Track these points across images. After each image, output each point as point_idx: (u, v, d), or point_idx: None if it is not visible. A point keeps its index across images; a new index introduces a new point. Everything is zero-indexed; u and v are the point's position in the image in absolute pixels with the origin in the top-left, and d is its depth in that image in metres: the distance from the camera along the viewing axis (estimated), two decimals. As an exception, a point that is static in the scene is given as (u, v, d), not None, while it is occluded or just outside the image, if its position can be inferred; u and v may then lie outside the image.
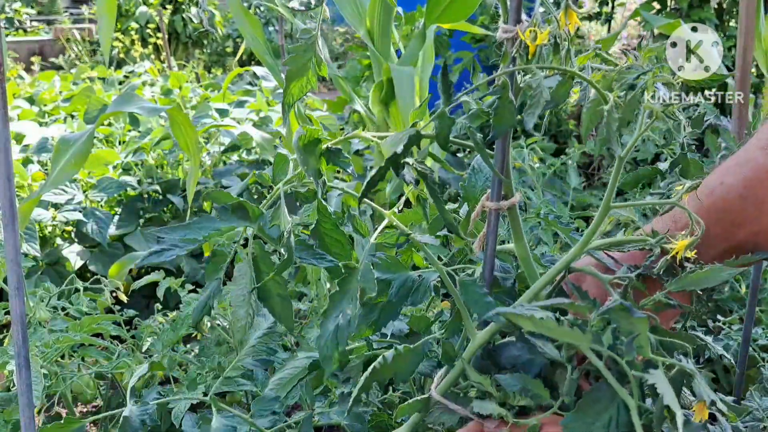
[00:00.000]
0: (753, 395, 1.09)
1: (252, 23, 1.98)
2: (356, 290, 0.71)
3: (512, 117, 0.59)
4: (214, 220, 0.70)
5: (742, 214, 0.67)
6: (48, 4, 9.20)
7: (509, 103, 0.58)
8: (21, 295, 0.63)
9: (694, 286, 0.65)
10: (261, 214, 0.72)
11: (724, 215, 0.68)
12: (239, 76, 4.56)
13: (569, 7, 0.58)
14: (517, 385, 0.64)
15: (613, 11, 3.98)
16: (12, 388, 1.18)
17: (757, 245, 0.68)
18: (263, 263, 0.73)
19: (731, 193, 0.68)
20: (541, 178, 1.88)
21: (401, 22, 2.81)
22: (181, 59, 6.86)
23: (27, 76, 4.96)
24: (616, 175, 0.65)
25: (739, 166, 0.69)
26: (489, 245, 0.70)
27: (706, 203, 0.66)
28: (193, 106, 3.29)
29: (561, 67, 0.58)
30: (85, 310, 1.29)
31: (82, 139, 1.74)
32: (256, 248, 0.73)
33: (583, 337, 0.54)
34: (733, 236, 0.68)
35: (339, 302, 0.72)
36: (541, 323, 0.55)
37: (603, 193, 2.50)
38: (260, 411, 0.88)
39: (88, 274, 2.03)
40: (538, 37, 0.57)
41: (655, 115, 0.62)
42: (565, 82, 0.62)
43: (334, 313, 0.71)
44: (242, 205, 0.71)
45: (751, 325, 1.07)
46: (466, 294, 0.70)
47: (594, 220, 0.67)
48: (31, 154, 2.47)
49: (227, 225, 0.71)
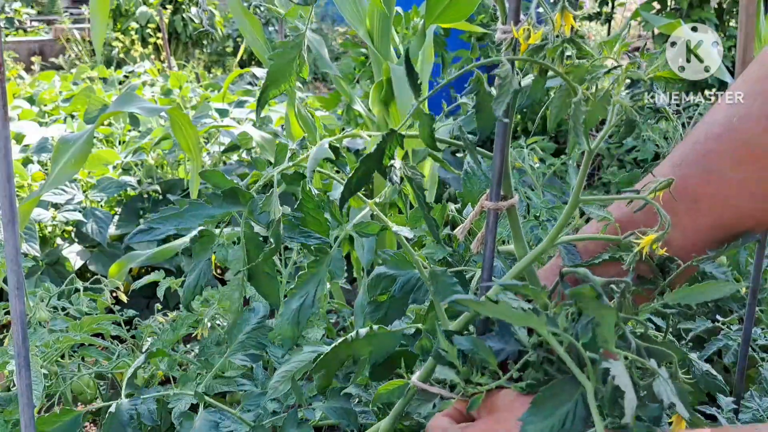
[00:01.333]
0: (752, 395, 1.09)
1: (252, 23, 1.98)
2: (325, 273, 0.72)
3: (492, 112, 0.59)
4: (206, 207, 0.70)
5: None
6: (48, 4, 9.20)
7: (488, 97, 0.58)
8: (21, 295, 0.63)
9: (691, 300, 0.65)
10: (252, 198, 0.72)
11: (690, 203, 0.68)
12: (239, 76, 4.56)
13: (565, 8, 0.58)
14: (469, 347, 0.66)
15: (613, 11, 3.98)
16: (12, 388, 1.18)
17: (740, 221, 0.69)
18: (251, 245, 0.74)
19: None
20: (541, 178, 1.88)
21: (401, 22, 2.81)
22: (181, 59, 6.86)
23: (27, 76, 4.96)
24: (584, 169, 0.65)
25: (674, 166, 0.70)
26: (488, 245, 0.70)
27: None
28: (193, 106, 3.29)
29: (529, 58, 0.58)
30: (85, 310, 1.29)
31: (82, 139, 1.74)
32: (246, 230, 0.73)
33: (538, 320, 0.55)
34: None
35: (306, 283, 0.73)
36: (495, 308, 0.55)
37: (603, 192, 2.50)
38: (248, 406, 0.89)
39: (88, 274, 2.03)
40: (531, 37, 0.57)
41: (625, 110, 0.62)
42: (540, 76, 0.62)
43: (300, 293, 0.72)
44: (234, 191, 0.72)
45: (752, 325, 1.07)
46: (436, 284, 0.71)
47: (563, 213, 0.67)
48: (31, 154, 2.47)
49: (220, 211, 0.71)
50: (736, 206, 0.67)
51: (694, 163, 0.69)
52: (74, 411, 0.82)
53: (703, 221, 0.68)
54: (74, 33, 6.95)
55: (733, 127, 0.66)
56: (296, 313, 0.71)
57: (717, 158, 0.67)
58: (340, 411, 0.86)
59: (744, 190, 0.66)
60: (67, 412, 0.81)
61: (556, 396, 0.56)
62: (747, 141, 0.66)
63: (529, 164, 1.82)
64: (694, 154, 0.69)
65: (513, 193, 0.68)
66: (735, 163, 0.66)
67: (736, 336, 1.24)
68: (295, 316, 0.71)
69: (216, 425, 0.82)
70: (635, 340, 0.64)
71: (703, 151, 0.68)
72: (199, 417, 0.83)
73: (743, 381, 1.09)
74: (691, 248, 0.68)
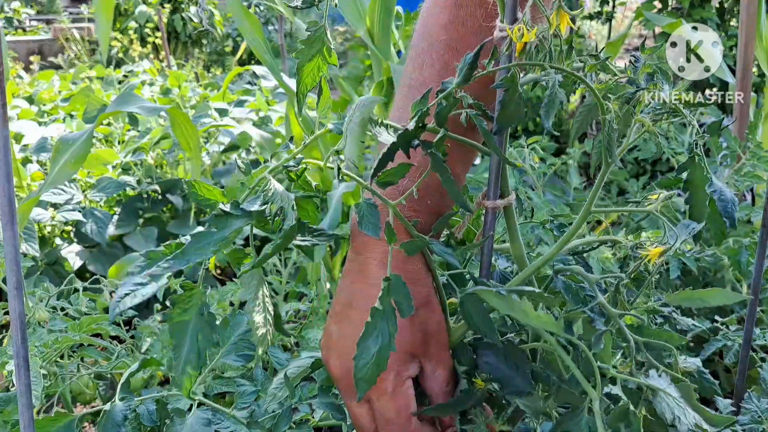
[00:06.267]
0: (751, 396, 1.09)
1: (252, 22, 1.97)
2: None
3: (519, 111, 0.58)
4: (211, 234, 0.61)
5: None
6: (47, 3, 9.20)
7: (518, 97, 0.57)
8: (20, 295, 0.62)
9: (692, 304, 0.65)
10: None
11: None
12: (239, 75, 4.56)
13: (561, 8, 0.58)
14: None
15: (613, 10, 3.97)
16: (11, 388, 1.18)
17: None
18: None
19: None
20: (542, 178, 1.88)
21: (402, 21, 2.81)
22: (181, 58, 6.85)
23: (26, 76, 4.96)
24: (600, 181, 0.65)
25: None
26: (485, 245, 0.70)
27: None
28: (192, 105, 3.28)
29: (568, 70, 0.58)
30: (85, 310, 1.29)
31: (82, 139, 1.74)
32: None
33: (554, 325, 0.54)
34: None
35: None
36: (514, 304, 0.54)
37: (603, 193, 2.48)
38: (240, 404, 0.89)
39: (87, 274, 2.03)
40: (524, 36, 0.57)
41: (647, 127, 0.62)
42: (568, 85, 0.62)
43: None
44: (236, 204, 0.62)
45: (752, 325, 1.07)
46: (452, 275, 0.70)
47: (575, 222, 0.68)
48: (30, 153, 2.47)
49: (232, 230, 0.61)
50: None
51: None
52: (69, 415, 0.82)
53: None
54: (73, 32, 6.95)
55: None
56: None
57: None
58: (331, 406, 0.86)
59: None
60: (61, 416, 0.81)
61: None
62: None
63: (529, 164, 1.82)
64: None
65: (510, 191, 0.68)
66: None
67: (735, 336, 1.24)
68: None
69: (208, 422, 0.82)
70: (633, 336, 0.64)
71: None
72: (192, 414, 0.83)
73: (744, 382, 1.09)
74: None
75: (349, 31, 7.11)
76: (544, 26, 0.57)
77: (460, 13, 0.67)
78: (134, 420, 0.85)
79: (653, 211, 0.64)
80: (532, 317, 0.55)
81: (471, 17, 0.66)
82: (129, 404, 0.84)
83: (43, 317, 1.15)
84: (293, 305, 1.42)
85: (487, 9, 0.65)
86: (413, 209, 0.68)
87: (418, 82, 0.70)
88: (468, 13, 0.67)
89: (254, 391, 0.92)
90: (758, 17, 1.72)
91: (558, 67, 0.57)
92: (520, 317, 0.56)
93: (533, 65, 0.57)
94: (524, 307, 0.54)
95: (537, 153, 1.94)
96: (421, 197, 0.67)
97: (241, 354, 0.96)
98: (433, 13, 0.70)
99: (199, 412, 0.83)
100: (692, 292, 0.64)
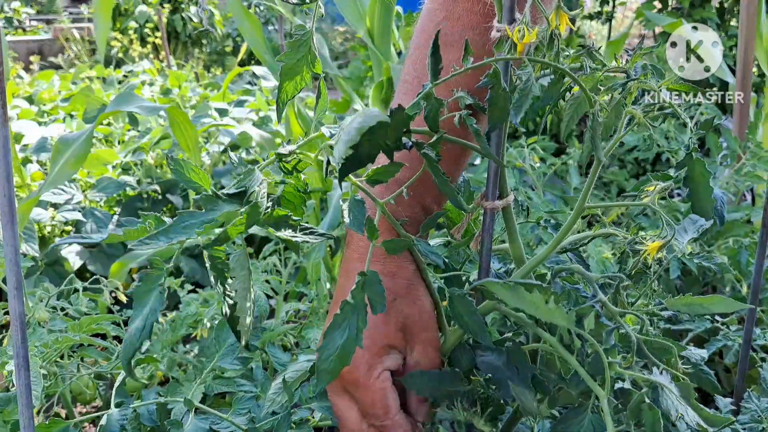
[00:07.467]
0: (750, 396, 1.09)
1: (252, 22, 1.98)
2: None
3: (507, 106, 0.58)
4: (198, 215, 0.59)
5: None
6: (47, 3, 9.20)
7: (503, 92, 0.57)
8: (20, 295, 0.62)
9: (693, 310, 0.65)
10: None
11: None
12: (239, 75, 4.56)
13: (560, 8, 0.58)
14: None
15: (613, 10, 3.97)
16: (11, 388, 1.18)
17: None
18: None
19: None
20: (542, 178, 1.88)
21: (402, 21, 2.81)
22: (181, 58, 6.85)
23: (26, 76, 4.95)
24: (592, 178, 0.65)
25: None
26: (484, 245, 0.70)
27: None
28: (192, 105, 3.28)
29: (552, 62, 0.58)
30: (85, 310, 1.29)
31: (81, 139, 1.74)
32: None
33: (566, 318, 0.54)
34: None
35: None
36: (525, 296, 0.54)
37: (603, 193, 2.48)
38: (238, 410, 0.89)
39: (87, 274, 2.03)
40: (525, 36, 0.57)
41: (638, 120, 0.62)
42: (557, 80, 0.62)
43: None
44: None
45: (752, 325, 1.07)
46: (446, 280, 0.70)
47: (569, 218, 0.68)
48: (30, 153, 2.46)
49: (219, 213, 0.59)
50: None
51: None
52: (64, 422, 0.82)
53: None
54: (73, 32, 6.95)
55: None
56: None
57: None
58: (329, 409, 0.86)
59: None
60: (56, 422, 0.81)
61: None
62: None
63: (529, 164, 1.82)
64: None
65: (509, 191, 0.68)
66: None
67: (735, 336, 1.24)
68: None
69: (207, 429, 0.82)
70: (636, 336, 0.64)
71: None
72: (189, 422, 0.82)
73: (744, 382, 1.09)
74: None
75: (350, 31, 7.11)
76: (543, 27, 0.57)
77: (456, 9, 0.67)
78: (134, 420, 0.85)
79: (650, 204, 0.64)
80: (543, 310, 0.54)
81: (467, 12, 0.67)
82: (125, 413, 0.84)
83: (43, 317, 1.15)
84: (293, 305, 1.42)
85: (485, 5, 0.66)
86: (410, 209, 0.68)
87: (411, 77, 0.70)
88: (464, 9, 0.67)
89: (252, 396, 0.91)
90: (758, 17, 1.72)
91: (537, 59, 0.57)
92: (530, 310, 0.56)
93: (509, 60, 0.57)
94: (535, 300, 0.54)
95: (537, 153, 1.94)
96: (420, 197, 0.67)
97: (238, 357, 0.95)
98: (429, 9, 0.70)
99: (196, 421, 0.83)
100: (693, 298, 0.64)
